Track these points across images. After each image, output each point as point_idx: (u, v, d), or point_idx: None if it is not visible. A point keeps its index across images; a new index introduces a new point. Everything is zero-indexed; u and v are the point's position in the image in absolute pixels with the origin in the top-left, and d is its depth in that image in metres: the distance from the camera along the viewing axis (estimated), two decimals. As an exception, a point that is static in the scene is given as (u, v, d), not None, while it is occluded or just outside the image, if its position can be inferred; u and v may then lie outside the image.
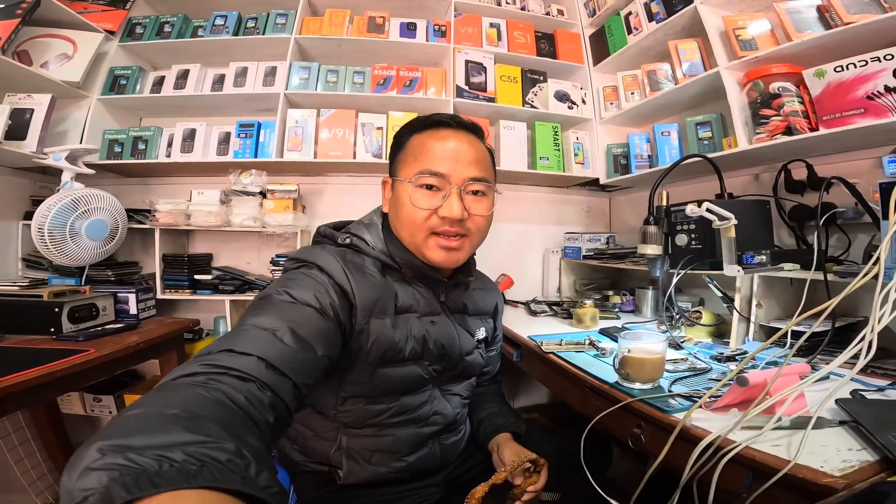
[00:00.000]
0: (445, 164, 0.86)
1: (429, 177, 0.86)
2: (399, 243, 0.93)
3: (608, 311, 1.79)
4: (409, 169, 0.89)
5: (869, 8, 1.22)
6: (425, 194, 0.87)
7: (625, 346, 0.94)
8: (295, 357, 0.64)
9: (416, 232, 0.88)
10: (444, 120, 0.93)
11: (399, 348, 0.86)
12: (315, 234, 0.99)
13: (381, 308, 0.85)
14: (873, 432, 0.63)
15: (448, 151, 0.88)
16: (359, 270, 0.84)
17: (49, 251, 1.59)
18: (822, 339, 1.02)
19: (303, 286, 0.76)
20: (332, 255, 0.84)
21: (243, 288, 2.01)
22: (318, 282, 0.78)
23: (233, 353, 0.59)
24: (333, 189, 2.29)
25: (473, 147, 0.91)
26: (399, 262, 0.92)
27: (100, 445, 0.39)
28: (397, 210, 0.91)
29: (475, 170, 0.88)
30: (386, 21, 2.12)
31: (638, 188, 2.32)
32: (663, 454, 0.74)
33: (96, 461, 0.37)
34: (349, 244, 0.91)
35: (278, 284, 0.76)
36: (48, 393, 1.35)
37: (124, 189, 2.17)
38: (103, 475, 0.35)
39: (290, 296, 0.73)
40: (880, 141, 1.26)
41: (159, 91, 2.06)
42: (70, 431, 1.93)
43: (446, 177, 0.86)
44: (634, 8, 1.98)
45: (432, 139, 0.90)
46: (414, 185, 0.87)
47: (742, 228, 1.17)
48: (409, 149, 0.92)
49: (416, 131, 0.93)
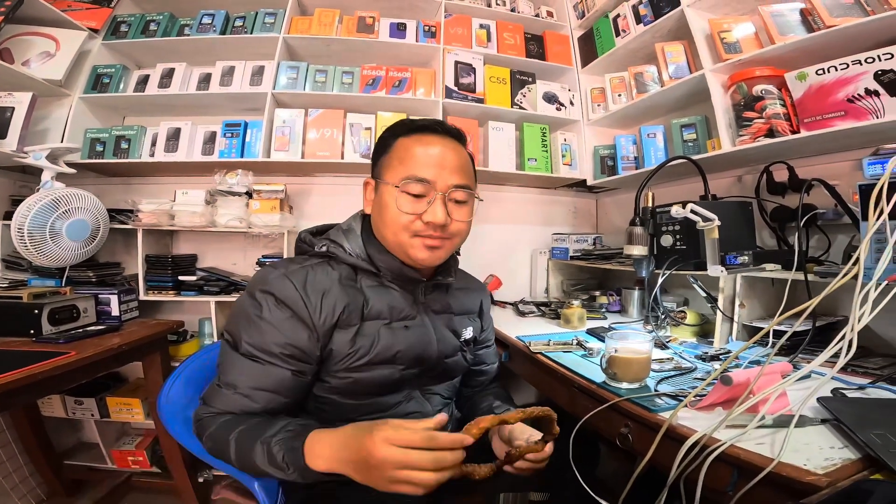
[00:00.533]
0: (431, 171, 0.87)
1: (414, 183, 0.87)
2: (380, 245, 0.94)
3: (595, 311, 1.80)
4: (393, 172, 0.89)
5: (851, 11, 1.24)
6: (410, 199, 0.87)
7: (612, 346, 0.94)
8: (266, 408, 0.82)
9: (400, 233, 0.89)
10: (429, 125, 0.93)
11: (362, 354, 0.87)
12: (297, 238, 0.99)
13: (346, 320, 0.86)
14: (855, 430, 0.64)
15: (433, 157, 0.88)
16: (318, 290, 0.85)
17: (29, 252, 1.55)
18: (803, 338, 1.03)
19: (262, 333, 0.82)
20: (291, 279, 0.85)
21: (229, 289, 1.98)
22: (275, 321, 0.82)
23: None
24: (321, 189, 2.28)
25: (457, 154, 0.92)
26: (378, 266, 0.93)
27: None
28: (381, 212, 0.91)
29: (458, 177, 0.90)
30: (376, 21, 2.11)
31: (624, 189, 2.34)
32: (650, 453, 0.75)
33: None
34: (325, 251, 0.92)
35: (241, 323, 0.84)
36: (28, 396, 1.33)
37: (106, 189, 2.13)
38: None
39: (253, 347, 0.82)
40: (860, 143, 1.29)
41: (143, 90, 2.03)
42: (51, 434, 1.90)
43: (431, 183, 0.87)
44: (623, 10, 2.00)
45: (418, 144, 0.90)
46: (400, 189, 0.87)
47: (725, 229, 1.19)
48: (394, 152, 0.92)
49: (400, 135, 0.93)
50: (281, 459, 0.69)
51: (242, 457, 0.73)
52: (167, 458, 1.78)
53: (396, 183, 0.87)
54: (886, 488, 0.51)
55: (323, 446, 0.68)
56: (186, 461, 1.74)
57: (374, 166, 0.96)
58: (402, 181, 0.87)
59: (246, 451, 0.72)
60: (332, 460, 0.67)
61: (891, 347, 1.11)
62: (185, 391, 1.05)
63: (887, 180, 0.76)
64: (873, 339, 1.13)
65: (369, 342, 0.88)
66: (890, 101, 1.12)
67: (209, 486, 1.87)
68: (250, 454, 0.72)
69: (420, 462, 0.61)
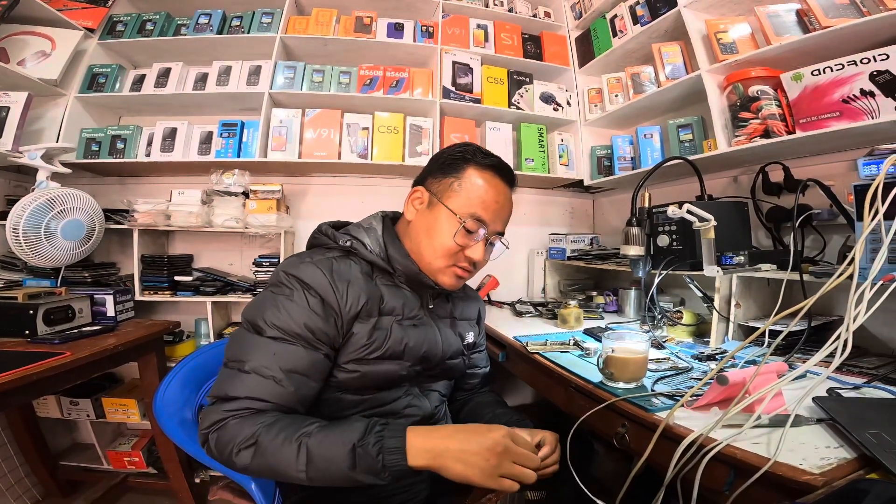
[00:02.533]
0: (491, 216, 0.95)
1: (476, 223, 0.93)
2: (402, 249, 0.97)
3: (592, 311, 1.81)
4: (460, 201, 0.94)
5: (846, 12, 1.24)
6: (464, 234, 0.93)
7: (608, 346, 0.95)
8: (297, 393, 0.79)
9: (441, 259, 0.94)
10: (504, 169, 0.99)
11: (376, 347, 0.89)
12: (316, 230, 1.01)
13: (367, 311, 0.88)
14: (850, 430, 0.65)
15: (498, 204, 0.96)
16: (343, 279, 0.87)
17: (24, 252, 1.55)
18: (798, 338, 1.04)
19: (290, 314, 0.81)
20: (319, 266, 0.87)
21: (225, 289, 1.98)
22: (302, 305, 0.83)
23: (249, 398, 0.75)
24: (318, 189, 2.27)
25: (511, 205, 1.01)
26: (395, 267, 0.96)
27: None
28: (430, 231, 0.95)
29: (504, 226, 1.00)
30: (373, 21, 2.11)
31: (621, 190, 2.34)
32: (647, 453, 0.75)
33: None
34: (349, 247, 0.94)
35: (267, 308, 0.82)
36: (23, 396, 1.32)
37: (102, 189, 2.13)
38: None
39: (280, 330, 0.80)
40: (855, 144, 1.29)
41: (139, 89, 2.02)
42: (47, 435, 1.89)
43: (486, 224, 0.94)
44: (620, 11, 2.00)
45: (491, 187, 0.96)
46: (461, 222, 0.92)
47: (721, 230, 1.19)
48: (464, 180, 0.95)
49: (475, 164, 0.97)
50: (380, 462, 0.68)
51: (317, 462, 0.68)
52: (163, 459, 1.77)
53: (462, 216, 0.92)
54: (882, 488, 0.51)
55: (425, 440, 0.70)
56: (183, 462, 1.73)
57: (434, 180, 0.98)
58: (466, 217, 0.92)
59: (323, 456, 0.68)
60: (436, 454, 0.70)
61: (886, 347, 1.11)
62: (181, 392, 1.05)
63: (882, 181, 0.76)
64: (868, 338, 1.14)
65: (383, 336, 0.90)
66: (885, 102, 1.12)
67: (206, 487, 1.87)
68: (330, 458, 0.68)
69: (531, 462, 0.72)
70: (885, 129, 1.14)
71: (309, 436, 0.70)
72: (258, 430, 0.70)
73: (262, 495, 0.98)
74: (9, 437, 1.79)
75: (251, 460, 0.69)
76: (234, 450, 0.70)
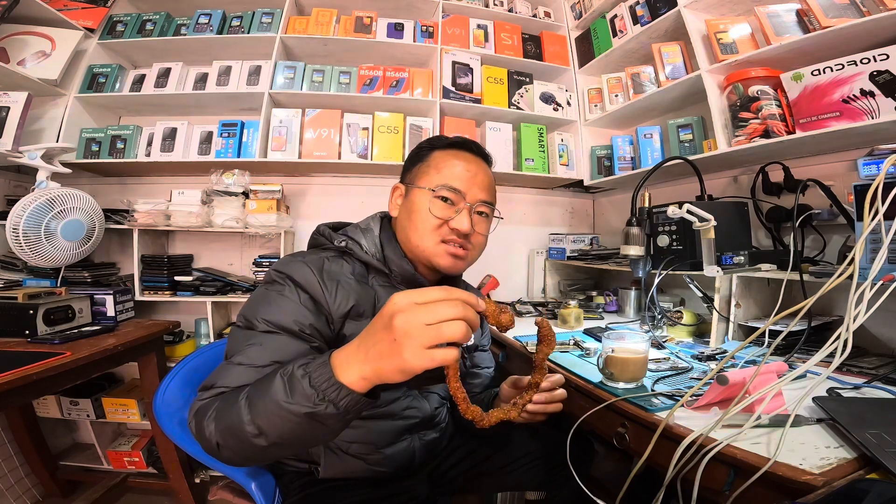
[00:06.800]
0: (463, 183, 0.94)
1: (448, 190, 0.93)
2: (397, 249, 0.97)
3: (592, 311, 1.81)
4: (429, 179, 0.95)
5: (846, 12, 1.24)
6: (442, 205, 0.93)
7: (609, 346, 0.95)
8: None
9: (427, 237, 0.93)
10: (467, 143, 1.01)
11: None
12: (315, 231, 1.02)
13: (358, 312, 0.89)
14: (850, 430, 0.65)
15: (468, 172, 0.96)
16: (333, 279, 0.88)
17: (24, 252, 1.55)
18: (798, 338, 1.04)
19: (281, 308, 0.83)
20: (309, 265, 0.88)
21: (225, 289, 1.98)
22: (294, 300, 0.84)
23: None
24: (318, 189, 2.27)
25: (487, 175, 1.00)
26: (391, 268, 0.96)
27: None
28: (410, 215, 0.95)
29: (485, 194, 0.97)
30: (373, 21, 2.11)
31: (621, 190, 2.34)
32: (647, 453, 0.75)
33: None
34: (344, 247, 0.95)
35: (259, 304, 0.84)
36: (23, 397, 1.32)
37: (101, 189, 2.13)
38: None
39: (270, 324, 0.81)
40: (855, 144, 1.29)
41: (139, 89, 2.02)
42: (46, 435, 1.89)
43: (463, 193, 0.94)
44: (620, 11, 2.00)
45: (456, 158, 0.97)
46: (434, 194, 0.93)
47: (721, 230, 1.19)
48: (431, 161, 0.98)
49: (438, 147, 1.00)
50: (308, 385, 0.58)
51: (258, 406, 0.62)
52: (163, 459, 1.77)
53: (433, 188, 0.93)
54: (882, 487, 0.51)
55: (349, 352, 0.59)
56: (183, 462, 1.73)
57: (407, 173, 1.02)
58: (437, 187, 0.93)
59: (261, 397, 0.62)
60: (363, 362, 0.57)
61: (886, 347, 1.11)
62: (181, 392, 1.05)
63: (882, 181, 0.76)
64: (868, 338, 1.14)
65: None
66: (885, 102, 1.12)
67: (206, 487, 1.87)
68: (267, 397, 0.61)
69: (446, 313, 0.53)
70: (885, 129, 1.14)
71: (251, 387, 0.67)
72: (224, 398, 0.70)
73: (262, 495, 0.97)
74: (9, 437, 1.79)
75: (215, 427, 0.67)
76: (205, 423, 0.68)
